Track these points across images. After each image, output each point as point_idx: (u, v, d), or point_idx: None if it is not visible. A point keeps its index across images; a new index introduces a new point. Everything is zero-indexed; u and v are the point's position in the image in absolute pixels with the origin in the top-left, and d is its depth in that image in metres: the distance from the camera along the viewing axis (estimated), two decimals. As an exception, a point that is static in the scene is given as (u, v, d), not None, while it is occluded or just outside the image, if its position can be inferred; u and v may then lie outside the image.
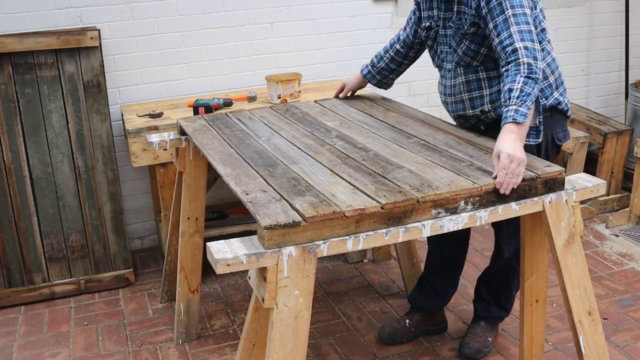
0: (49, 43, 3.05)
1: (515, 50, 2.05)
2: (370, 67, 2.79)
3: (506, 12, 2.09)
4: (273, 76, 3.40)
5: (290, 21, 3.78)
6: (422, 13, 2.47)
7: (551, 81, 2.33)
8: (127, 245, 3.36)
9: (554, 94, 2.33)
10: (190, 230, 2.71)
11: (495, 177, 1.83)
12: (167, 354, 2.79)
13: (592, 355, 2.04)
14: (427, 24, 2.44)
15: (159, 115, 3.22)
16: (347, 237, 1.66)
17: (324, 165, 2.02)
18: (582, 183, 1.96)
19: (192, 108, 3.24)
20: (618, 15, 4.50)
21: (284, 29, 3.77)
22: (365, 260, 3.52)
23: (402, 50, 2.67)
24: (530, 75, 2.00)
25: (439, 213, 1.75)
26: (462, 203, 1.77)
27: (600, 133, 3.90)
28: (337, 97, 2.92)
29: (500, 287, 2.67)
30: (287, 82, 3.35)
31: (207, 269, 3.01)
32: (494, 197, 1.81)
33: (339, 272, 3.43)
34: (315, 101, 2.89)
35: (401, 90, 4.05)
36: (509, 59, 2.06)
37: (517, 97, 1.97)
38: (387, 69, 2.74)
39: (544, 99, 2.30)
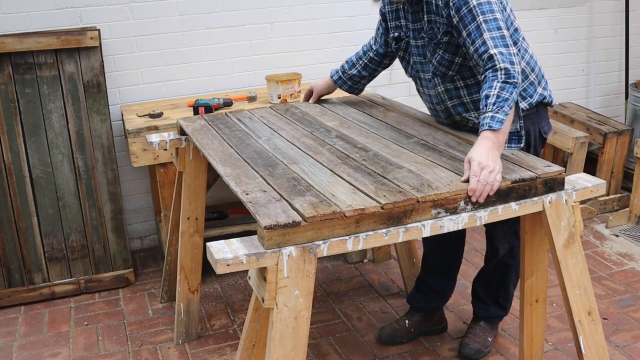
0: (49, 43, 3.05)
1: (491, 57, 2.02)
2: (340, 73, 2.76)
3: (477, 19, 2.06)
4: (273, 76, 3.40)
5: (290, 21, 3.78)
6: (389, 23, 2.44)
7: (532, 79, 2.31)
8: (127, 245, 3.36)
9: (537, 90, 2.32)
10: (190, 230, 2.71)
11: (465, 181, 1.82)
12: (167, 354, 2.79)
13: (592, 355, 2.04)
14: (396, 34, 2.41)
15: (159, 115, 3.22)
16: (347, 237, 1.66)
17: (324, 165, 2.02)
18: (582, 183, 1.96)
19: (192, 108, 3.24)
20: (618, 15, 4.50)
21: (284, 29, 3.77)
22: (365, 260, 3.52)
23: (376, 58, 2.66)
24: (508, 80, 1.97)
25: (439, 213, 1.75)
26: (462, 203, 1.77)
27: (600, 133, 3.90)
28: (306, 101, 2.87)
29: (497, 287, 2.67)
30: (287, 82, 3.35)
31: (207, 269, 3.01)
32: (494, 197, 1.81)
33: (339, 272, 3.43)
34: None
35: (401, 90, 4.05)
36: (486, 66, 2.03)
37: (494, 104, 1.94)
38: (359, 76, 2.72)
39: (528, 98, 2.30)
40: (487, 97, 1.97)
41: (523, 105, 2.28)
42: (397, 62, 3.71)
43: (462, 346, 2.67)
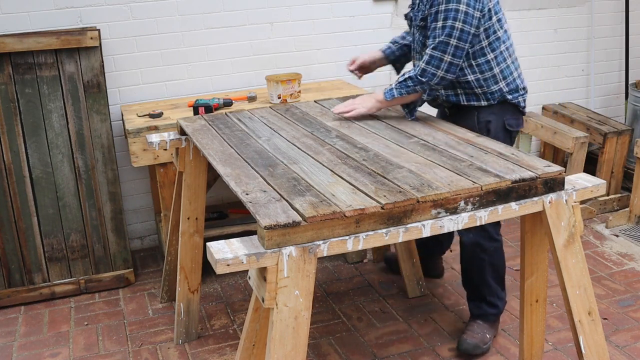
0: (49, 43, 3.05)
1: (426, 54, 2.40)
2: (390, 43, 2.87)
3: (438, 22, 2.37)
4: (273, 76, 3.40)
5: (290, 21, 3.78)
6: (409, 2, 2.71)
7: (502, 86, 2.52)
8: (127, 245, 3.36)
9: (503, 94, 2.52)
10: (190, 230, 2.71)
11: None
12: (167, 354, 2.79)
13: (592, 355, 2.04)
14: (408, 10, 2.69)
15: (159, 115, 3.22)
16: (347, 237, 1.66)
17: (324, 165, 2.02)
18: (582, 183, 1.96)
19: (192, 108, 3.24)
20: (618, 15, 4.50)
21: (284, 29, 3.77)
22: (365, 260, 3.52)
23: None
24: (418, 77, 2.41)
25: (439, 213, 1.75)
26: (462, 203, 1.77)
27: (600, 133, 3.90)
28: (352, 69, 2.92)
29: (479, 284, 2.72)
30: (287, 82, 3.35)
31: (207, 269, 3.01)
32: (494, 197, 1.81)
33: (339, 272, 3.43)
34: (315, 101, 2.90)
35: (401, 90, 4.05)
36: (421, 59, 2.42)
37: (399, 82, 2.45)
38: (408, 45, 2.81)
39: (490, 98, 2.52)
40: (402, 75, 2.47)
41: (483, 103, 2.54)
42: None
43: (460, 342, 2.69)
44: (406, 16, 2.70)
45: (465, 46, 2.36)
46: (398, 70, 2.90)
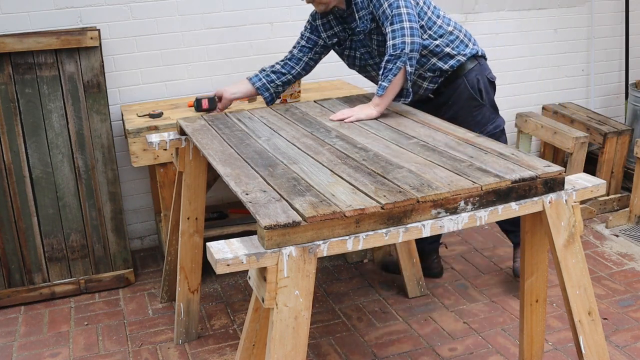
0: (49, 43, 3.05)
1: (386, 34, 2.55)
2: (258, 72, 2.94)
3: (383, 5, 2.55)
4: (273, 76, 3.39)
5: (290, 21, 3.78)
6: (322, 34, 2.84)
7: (462, 37, 2.79)
8: (127, 245, 3.36)
9: (469, 45, 2.80)
10: (190, 230, 2.71)
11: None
12: (167, 354, 2.79)
13: (592, 355, 2.04)
14: (335, 40, 2.84)
15: (159, 115, 3.22)
16: (347, 237, 1.66)
17: (324, 165, 2.02)
18: (582, 183, 1.96)
19: (192, 107, 3.24)
20: (618, 15, 4.50)
21: (284, 29, 3.77)
22: (365, 260, 3.52)
23: (294, 58, 2.93)
24: (393, 54, 2.51)
25: (439, 213, 1.75)
26: (462, 203, 1.77)
27: (600, 133, 3.90)
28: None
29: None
30: (287, 82, 3.34)
31: (207, 269, 3.01)
32: (494, 197, 1.81)
33: (339, 272, 3.43)
34: (315, 101, 2.90)
35: (401, 90, 4.05)
36: (386, 43, 2.56)
37: (382, 74, 2.54)
38: (275, 72, 2.92)
39: (461, 52, 2.76)
40: (380, 68, 2.57)
41: (460, 58, 2.76)
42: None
43: (515, 270, 3.11)
44: (339, 43, 2.83)
45: (414, 12, 2.57)
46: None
